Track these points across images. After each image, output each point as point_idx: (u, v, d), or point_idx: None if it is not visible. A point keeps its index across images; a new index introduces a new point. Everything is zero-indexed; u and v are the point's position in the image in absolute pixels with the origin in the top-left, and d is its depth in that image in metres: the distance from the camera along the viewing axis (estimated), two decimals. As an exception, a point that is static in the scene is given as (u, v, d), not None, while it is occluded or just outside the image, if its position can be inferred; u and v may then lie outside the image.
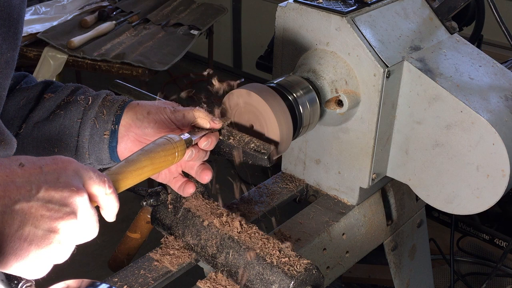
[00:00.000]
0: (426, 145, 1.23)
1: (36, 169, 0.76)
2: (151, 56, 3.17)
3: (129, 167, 0.89)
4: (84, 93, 1.13)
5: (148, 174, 0.92)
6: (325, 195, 1.36)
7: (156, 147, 0.93)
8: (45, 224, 0.75)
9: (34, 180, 0.75)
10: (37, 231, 0.75)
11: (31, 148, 1.10)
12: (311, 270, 1.01)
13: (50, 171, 0.77)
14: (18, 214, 0.73)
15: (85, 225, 0.80)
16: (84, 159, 1.11)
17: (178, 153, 0.96)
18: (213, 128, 1.06)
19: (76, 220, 0.78)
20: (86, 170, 0.81)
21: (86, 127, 1.09)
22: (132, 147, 1.09)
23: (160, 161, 0.93)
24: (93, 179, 0.81)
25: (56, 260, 0.79)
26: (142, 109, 1.08)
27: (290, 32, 1.26)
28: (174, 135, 0.98)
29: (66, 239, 0.78)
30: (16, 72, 1.16)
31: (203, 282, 1.11)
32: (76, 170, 0.80)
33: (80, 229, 0.80)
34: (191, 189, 1.10)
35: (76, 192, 0.78)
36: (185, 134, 1.01)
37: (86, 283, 0.91)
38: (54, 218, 0.76)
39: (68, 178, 0.78)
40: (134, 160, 0.90)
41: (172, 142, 0.96)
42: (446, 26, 1.33)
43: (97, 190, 0.82)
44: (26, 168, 0.75)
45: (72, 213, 0.77)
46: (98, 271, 2.94)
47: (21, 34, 0.97)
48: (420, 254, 1.58)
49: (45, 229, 0.75)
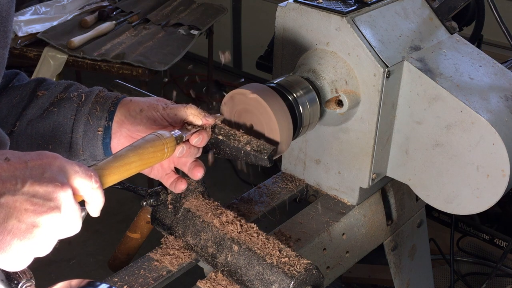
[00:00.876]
0: (426, 145, 1.23)
1: (22, 164, 0.77)
2: (151, 56, 3.16)
3: (117, 162, 0.89)
4: (77, 90, 1.14)
5: (136, 170, 0.93)
6: (325, 195, 1.36)
7: (145, 143, 0.94)
8: (28, 218, 0.76)
9: (19, 175, 0.76)
10: (20, 225, 0.76)
11: (25, 145, 1.10)
12: (311, 270, 1.01)
13: (35, 166, 0.78)
14: (3, 208, 0.74)
15: (69, 220, 0.81)
16: (78, 156, 1.11)
17: (168, 149, 0.97)
18: (205, 124, 1.06)
19: (60, 214, 0.79)
20: (71, 165, 0.82)
21: (80, 124, 1.09)
22: (125, 143, 1.09)
23: (149, 157, 0.93)
24: (78, 173, 0.82)
25: (37, 253, 0.80)
26: (135, 106, 1.09)
27: (290, 32, 1.26)
28: (164, 132, 0.98)
29: (49, 233, 0.79)
30: (8, 70, 1.16)
31: (203, 282, 1.11)
32: (61, 165, 0.80)
33: (63, 224, 0.81)
34: (182, 186, 1.10)
35: (60, 187, 0.79)
36: (176, 131, 1.01)
37: (86, 283, 0.91)
38: (38, 212, 0.77)
39: (53, 173, 0.79)
40: (122, 155, 0.90)
41: (162, 139, 0.96)
42: (446, 26, 1.33)
43: (83, 184, 0.83)
44: (12, 163, 0.76)
45: (56, 207, 0.78)
46: (98, 271, 2.94)
47: (11, 33, 0.98)
48: (420, 254, 1.58)
49: (28, 223, 0.76)
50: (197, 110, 1.06)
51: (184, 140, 1.02)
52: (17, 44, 3.10)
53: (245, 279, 1.05)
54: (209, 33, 3.96)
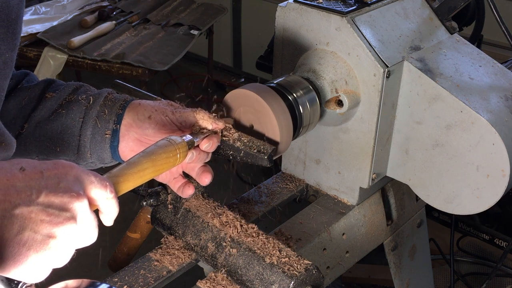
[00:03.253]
0: (426, 145, 1.23)
1: (37, 173, 0.76)
2: (151, 56, 3.16)
3: (131, 169, 0.88)
4: (85, 92, 1.13)
5: (149, 176, 0.92)
6: (325, 195, 1.36)
7: (157, 149, 0.93)
8: (44, 229, 0.75)
9: (35, 185, 0.75)
10: (36, 236, 0.74)
11: (33, 147, 1.10)
12: (311, 270, 1.01)
13: (50, 176, 0.77)
14: (17, 219, 0.73)
15: (85, 230, 0.80)
16: (86, 158, 1.11)
17: (180, 155, 0.96)
18: (215, 129, 1.06)
19: (76, 225, 0.78)
20: (87, 175, 0.81)
21: (88, 127, 1.08)
22: (133, 146, 1.09)
23: (162, 163, 0.93)
24: (94, 184, 0.81)
25: (55, 264, 0.79)
26: (144, 110, 1.08)
27: (290, 32, 1.26)
28: (176, 137, 0.97)
29: (65, 244, 0.78)
30: (17, 71, 1.16)
31: (203, 282, 1.11)
32: (77, 175, 0.79)
33: (79, 234, 0.80)
34: (190, 191, 1.09)
35: (76, 197, 0.77)
36: (187, 136, 1.00)
37: (86, 283, 0.91)
38: (54, 223, 0.75)
39: (69, 183, 0.78)
40: (136, 162, 0.90)
41: (174, 144, 0.95)
42: (446, 26, 1.33)
43: (98, 195, 0.82)
44: (27, 173, 0.75)
45: (71, 218, 0.77)
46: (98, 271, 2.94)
47: (20, 35, 0.97)
48: (420, 254, 1.58)
49: (44, 234, 0.75)
50: (207, 115, 1.05)
51: (195, 145, 1.01)
52: (17, 44, 3.10)
53: (245, 279, 1.05)
54: (209, 33, 3.96)
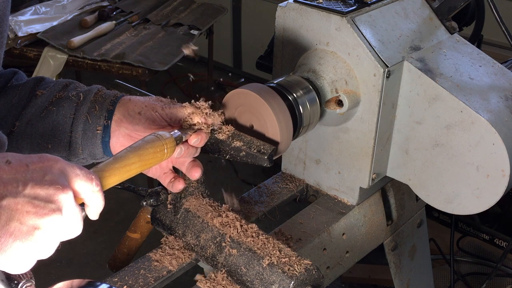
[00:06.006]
0: (426, 145, 1.23)
1: (23, 166, 0.77)
2: (151, 56, 3.17)
3: (117, 163, 0.89)
4: (75, 89, 1.14)
5: (136, 171, 0.93)
6: (325, 195, 1.36)
7: (145, 144, 0.94)
8: (30, 220, 0.77)
9: (21, 177, 0.77)
10: (22, 227, 0.76)
11: (25, 145, 1.11)
12: (311, 270, 1.01)
13: (36, 169, 0.78)
14: (5, 210, 0.75)
15: (70, 222, 0.82)
16: (78, 155, 1.12)
17: (168, 150, 0.96)
18: (205, 123, 1.06)
19: (61, 216, 0.79)
20: (72, 168, 0.82)
21: (79, 123, 1.09)
22: (124, 141, 1.09)
23: (149, 158, 0.93)
24: (79, 176, 0.82)
25: (39, 255, 0.80)
26: (134, 106, 1.09)
27: (290, 32, 1.27)
28: (164, 132, 0.98)
29: (50, 235, 0.79)
30: (6, 69, 1.16)
31: (203, 282, 1.11)
32: (62, 168, 0.81)
33: (64, 226, 0.81)
34: (180, 185, 1.10)
35: (61, 189, 0.79)
36: (175, 131, 1.01)
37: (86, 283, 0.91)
38: (39, 214, 0.77)
39: (54, 176, 0.79)
40: (122, 156, 0.90)
41: (162, 139, 0.96)
42: (446, 26, 1.33)
43: (83, 187, 0.83)
44: (13, 166, 0.77)
45: (57, 209, 0.79)
46: (98, 271, 2.94)
47: (6, 33, 0.98)
48: (420, 254, 1.58)
49: (30, 225, 0.77)
50: (196, 110, 1.06)
51: (183, 140, 1.02)
52: (17, 44, 3.10)
53: (245, 279, 1.05)
54: (209, 33, 3.96)
